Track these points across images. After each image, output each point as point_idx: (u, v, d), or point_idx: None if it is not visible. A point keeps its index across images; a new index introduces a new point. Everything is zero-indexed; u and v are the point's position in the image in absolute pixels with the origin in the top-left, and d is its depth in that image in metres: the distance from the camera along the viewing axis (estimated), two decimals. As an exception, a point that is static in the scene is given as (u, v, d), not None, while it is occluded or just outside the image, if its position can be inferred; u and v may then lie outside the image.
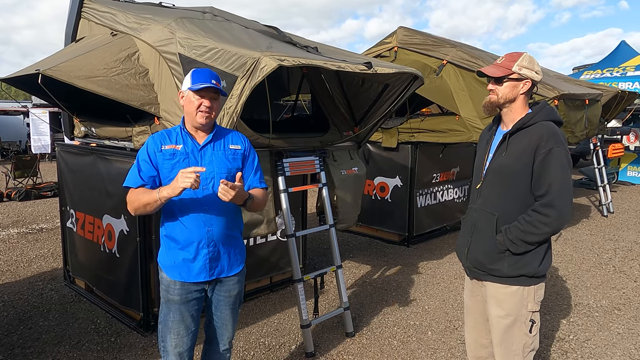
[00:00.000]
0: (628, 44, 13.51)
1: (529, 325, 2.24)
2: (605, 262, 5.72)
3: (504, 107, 2.25)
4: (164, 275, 2.31)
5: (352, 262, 5.55)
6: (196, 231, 2.23)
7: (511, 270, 2.20)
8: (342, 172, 3.96)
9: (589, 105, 6.23)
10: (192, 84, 2.21)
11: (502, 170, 2.21)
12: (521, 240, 2.14)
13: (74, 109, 4.15)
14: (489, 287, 2.30)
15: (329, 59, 3.08)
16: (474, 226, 2.33)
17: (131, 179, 2.23)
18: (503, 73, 2.20)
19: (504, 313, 2.25)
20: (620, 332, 3.88)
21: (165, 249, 2.31)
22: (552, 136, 2.10)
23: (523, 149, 2.14)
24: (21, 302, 4.30)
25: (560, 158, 2.09)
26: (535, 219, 2.11)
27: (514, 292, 2.22)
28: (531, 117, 2.17)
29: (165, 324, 2.32)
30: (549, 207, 2.09)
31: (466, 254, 2.36)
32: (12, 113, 19.40)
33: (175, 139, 2.27)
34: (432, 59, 5.90)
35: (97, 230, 4.06)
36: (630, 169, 11.97)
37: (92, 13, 4.03)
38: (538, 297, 2.25)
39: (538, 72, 2.20)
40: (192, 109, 2.21)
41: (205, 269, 2.27)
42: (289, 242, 3.52)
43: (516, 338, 2.25)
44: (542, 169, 2.10)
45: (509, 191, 2.21)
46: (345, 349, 3.54)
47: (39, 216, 7.86)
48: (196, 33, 3.21)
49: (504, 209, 2.22)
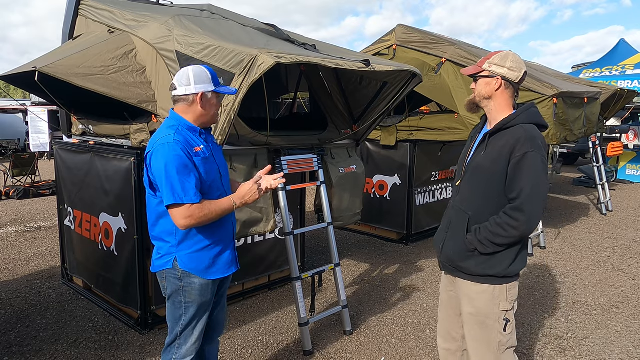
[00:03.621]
0: (627, 42, 13.49)
1: (503, 324, 2.22)
2: (604, 260, 5.72)
3: (482, 105, 2.26)
4: (196, 280, 2.22)
5: (350, 260, 5.55)
6: (230, 227, 2.34)
7: (479, 270, 2.20)
8: (340, 170, 3.96)
9: (587, 103, 6.22)
10: (216, 85, 2.20)
11: (479, 170, 2.21)
12: (489, 242, 2.14)
13: (72, 107, 4.14)
14: (460, 284, 2.32)
15: (327, 56, 3.07)
16: (450, 223, 2.34)
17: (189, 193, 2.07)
18: (475, 71, 2.23)
19: (474, 311, 2.26)
20: (619, 330, 3.88)
21: (195, 252, 2.22)
22: (529, 140, 2.07)
23: (500, 151, 2.13)
24: (19, 300, 4.29)
25: (534, 163, 2.06)
26: (505, 221, 2.10)
27: (484, 290, 2.22)
28: (512, 119, 2.15)
29: (190, 324, 2.30)
30: (519, 211, 2.07)
31: (441, 249, 2.38)
32: (10, 111, 19.36)
33: (194, 140, 2.20)
34: (431, 57, 5.89)
35: (94, 228, 4.05)
36: (629, 167, 11.97)
37: (90, 10, 4.02)
38: (511, 297, 2.23)
39: (511, 68, 2.16)
40: (213, 111, 2.23)
41: (234, 261, 2.39)
42: (287, 240, 3.51)
43: (489, 336, 2.24)
44: (515, 172, 2.08)
45: (483, 191, 2.20)
46: (343, 347, 3.53)
47: (37, 214, 7.85)
48: (193, 30, 3.20)
49: (477, 208, 2.22)
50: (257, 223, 3.43)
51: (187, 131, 2.19)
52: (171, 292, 2.28)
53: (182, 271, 2.22)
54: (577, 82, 7.73)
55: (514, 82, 2.19)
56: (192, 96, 2.17)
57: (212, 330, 2.53)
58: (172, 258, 2.23)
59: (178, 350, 2.33)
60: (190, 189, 2.07)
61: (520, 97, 5.32)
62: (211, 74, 2.21)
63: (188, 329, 2.30)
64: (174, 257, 2.22)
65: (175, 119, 2.21)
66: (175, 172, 2.06)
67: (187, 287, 2.23)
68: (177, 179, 2.06)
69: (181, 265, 2.21)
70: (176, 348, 2.33)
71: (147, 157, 2.16)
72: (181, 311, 2.28)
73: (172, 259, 2.22)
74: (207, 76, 2.18)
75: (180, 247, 2.22)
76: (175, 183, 2.06)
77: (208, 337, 2.52)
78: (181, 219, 2.08)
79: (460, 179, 2.33)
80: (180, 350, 2.33)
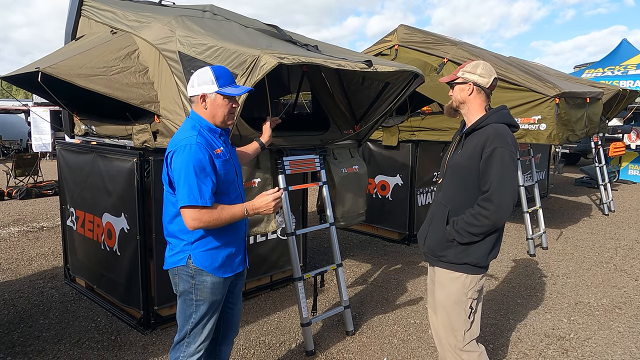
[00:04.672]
0: (629, 42, 13.48)
1: (468, 311, 2.45)
2: (606, 260, 5.71)
3: (459, 109, 2.50)
4: (208, 278, 2.24)
5: (352, 261, 5.55)
6: (243, 227, 2.37)
7: (457, 258, 2.41)
8: (342, 170, 3.96)
9: (589, 103, 6.21)
10: (221, 86, 2.18)
11: (456, 167, 2.45)
12: (465, 231, 2.34)
13: (74, 107, 4.15)
14: (437, 272, 2.55)
15: (329, 57, 3.07)
16: (433, 217, 2.55)
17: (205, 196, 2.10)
18: (451, 78, 2.49)
19: (445, 297, 2.49)
20: (621, 331, 3.87)
21: (209, 250, 2.24)
22: (498, 137, 2.29)
23: (473, 148, 2.35)
24: (22, 300, 4.30)
25: (502, 157, 2.26)
26: (477, 211, 2.31)
27: (457, 278, 2.44)
28: (483, 120, 2.38)
29: (200, 323, 2.31)
30: (488, 201, 2.27)
31: (424, 242, 2.58)
32: (13, 112, 19.41)
33: (214, 142, 2.22)
34: (433, 57, 5.89)
35: (97, 228, 4.06)
36: (631, 168, 11.94)
37: (92, 11, 4.03)
38: (478, 287, 2.47)
39: (482, 74, 2.40)
40: (223, 112, 2.22)
41: (244, 261, 2.42)
42: (289, 240, 3.52)
43: (457, 323, 2.46)
44: (486, 167, 2.29)
45: (461, 186, 2.42)
46: (345, 348, 3.53)
47: (40, 215, 7.87)
48: (196, 31, 3.21)
49: (456, 202, 2.43)
50: (259, 223, 3.44)
51: (208, 132, 2.22)
52: (183, 289, 2.30)
53: (195, 268, 2.24)
54: (579, 82, 7.72)
55: (485, 87, 2.42)
56: (195, 97, 2.23)
57: (229, 330, 2.54)
58: (186, 255, 2.25)
59: (187, 348, 2.34)
60: (206, 192, 2.10)
61: (522, 98, 5.38)
62: (217, 74, 2.19)
63: (198, 327, 2.31)
64: (188, 254, 2.24)
65: (195, 119, 2.25)
66: (194, 174, 2.09)
67: (200, 285, 2.25)
68: (194, 181, 2.09)
69: (195, 262, 2.24)
70: (184, 346, 2.34)
71: (169, 156, 2.19)
72: (192, 309, 2.29)
73: (186, 257, 2.24)
74: (210, 77, 2.18)
75: (195, 245, 2.24)
76: (192, 185, 2.09)
77: (225, 337, 2.54)
78: (191, 220, 2.12)
79: (443, 176, 2.55)
80: (189, 349, 2.33)
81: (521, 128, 5.37)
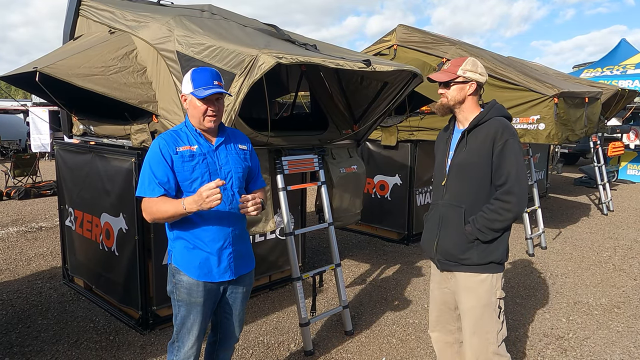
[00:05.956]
0: (628, 42, 13.50)
1: (498, 311, 2.38)
2: (605, 260, 5.72)
3: (455, 108, 2.44)
4: (184, 278, 2.23)
5: (351, 261, 5.55)
6: (221, 231, 2.24)
7: (481, 258, 2.34)
8: (341, 170, 3.95)
9: (588, 103, 6.21)
10: (195, 88, 2.14)
11: (465, 165, 2.38)
12: (487, 228, 2.29)
13: (72, 107, 4.14)
14: (459, 277, 2.42)
15: (327, 56, 3.07)
16: (442, 220, 2.45)
17: (148, 188, 2.13)
18: (449, 77, 2.39)
19: (475, 302, 2.38)
20: (620, 331, 3.87)
21: (185, 250, 2.23)
22: (507, 129, 2.30)
23: (481, 143, 2.32)
24: (20, 300, 4.29)
25: (514, 148, 2.27)
26: (498, 206, 2.27)
27: (484, 279, 2.36)
28: (485, 114, 2.36)
29: (184, 325, 2.30)
30: (509, 194, 2.25)
31: (435, 248, 2.48)
32: (11, 112, 19.39)
33: (187, 140, 2.21)
34: (432, 57, 5.89)
35: (95, 228, 4.05)
36: (630, 168, 11.95)
37: (90, 11, 4.02)
38: (502, 284, 2.42)
39: (482, 73, 2.39)
40: (198, 114, 2.18)
41: (230, 268, 2.29)
42: (287, 240, 3.51)
43: (489, 326, 2.37)
44: (500, 160, 2.28)
45: (473, 184, 2.36)
46: (344, 348, 3.53)
47: (38, 215, 7.86)
48: (194, 31, 3.20)
49: (470, 201, 2.37)
50: (257, 223, 3.43)
51: (181, 131, 2.24)
52: (169, 288, 2.33)
53: (175, 267, 2.27)
54: (578, 82, 7.72)
55: (482, 84, 2.42)
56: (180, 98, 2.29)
57: (226, 337, 2.50)
58: (171, 253, 2.29)
59: (178, 352, 2.34)
60: (150, 182, 2.13)
61: (521, 97, 5.38)
62: (194, 76, 2.16)
63: (183, 330, 2.30)
64: (172, 252, 2.29)
65: (185, 120, 2.30)
66: (147, 167, 2.15)
67: (178, 284, 2.26)
68: (145, 173, 2.16)
69: (174, 261, 2.27)
70: (176, 350, 2.34)
71: None
72: (176, 309, 2.32)
73: (171, 254, 2.29)
74: (188, 78, 2.19)
75: (174, 242, 2.28)
76: (143, 176, 2.16)
77: (223, 343, 2.52)
78: (142, 211, 2.19)
79: (445, 178, 2.46)
80: (180, 353, 2.33)
81: (520, 128, 5.37)
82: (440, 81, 2.42)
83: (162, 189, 2.13)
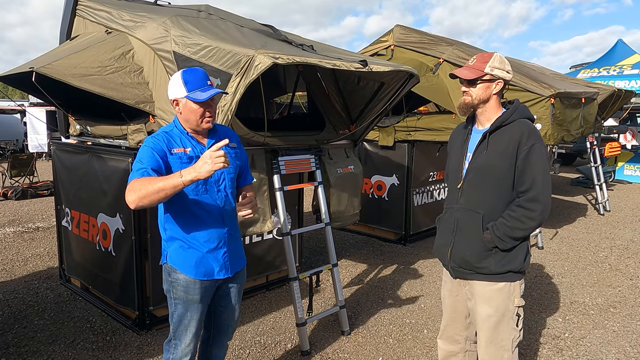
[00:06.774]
0: (625, 43, 13.54)
1: (516, 319, 2.29)
2: (601, 260, 5.73)
3: (478, 108, 2.29)
4: (181, 276, 2.23)
5: (348, 261, 5.55)
6: (216, 231, 2.25)
7: (499, 267, 2.23)
8: (338, 170, 3.96)
9: (585, 103, 6.24)
10: (189, 90, 2.10)
11: (485, 169, 2.24)
12: (508, 237, 2.17)
13: (69, 108, 4.13)
14: (475, 286, 2.31)
15: (324, 57, 3.08)
16: (457, 225, 2.33)
17: (137, 173, 2.01)
18: (476, 75, 2.22)
19: (492, 310, 2.28)
20: (616, 330, 3.88)
21: (181, 250, 2.23)
22: (532, 133, 2.17)
23: (505, 147, 2.18)
24: (16, 301, 4.28)
25: (541, 154, 2.15)
26: (521, 214, 2.15)
27: (501, 288, 2.26)
28: (509, 115, 2.22)
29: (181, 323, 2.30)
30: (535, 201, 2.14)
31: (449, 254, 2.36)
32: (8, 112, 19.33)
33: (180, 142, 2.18)
34: (429, 57, 5.90)
35: (92, 229, 4.05)
36: (626, 168, 11.99)
37: (87, 11, 4.02)
38: (521, 292, 2.31)
39: (509, 71, 2.25)
40: (195, 117, 2.14)
41: (225, 267, 2.30)
42: (284, 240, 3.51)
43: (506, 334, 2.29)
44: (525, 165, 2.15)
45: (492, 188, 2.23)
46: (340, 347, 3.54)
47: (35, 215, 7.84)
48: (191, 31, 3.20)
49: (488, 206, 2.24)
50: (254, 223, 3.43)
51: (173, 133, 2.20)
52: (165, 287, 2.33)
53: (170, 266, 2.27)
54: (575, 82, 7.74)
55: (508, 83, 2.29)
56: (171, 102, 2.20)
57: (219, 334, 2.52)
58: (165, 253, 2.29)
59: (175, 350, 2.34)
60: (140, 168, 2.01)
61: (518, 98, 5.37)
62: (186, 78, 2.12)
63: (180, 328, 2.31)
64: (166, 252, 2.29)
65: (173, 123, 2.26)
66: (139, 160, 2.07)
67: (174, 283, 2.26)
68: (136, 165, 2.06)
69: (170, 260, 2.27)
70: (173, 347, 2.35)
71: None
72: (172, 308, 2.32)
73: (165, 254, 2.29)
74: (179, 81, 2.12)
75: (168, 242, 2.27)
76: (134, 168, 2.06)
77: (216, 340, 2.53)
78: (126, 194, 1.96)
79: (462, 181, 2.31)
80: (177, 351, 2.33)
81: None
82: (466, 78, 2.24)
83: (152, 172, 2.01)
